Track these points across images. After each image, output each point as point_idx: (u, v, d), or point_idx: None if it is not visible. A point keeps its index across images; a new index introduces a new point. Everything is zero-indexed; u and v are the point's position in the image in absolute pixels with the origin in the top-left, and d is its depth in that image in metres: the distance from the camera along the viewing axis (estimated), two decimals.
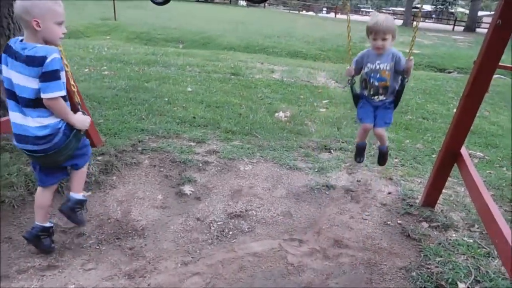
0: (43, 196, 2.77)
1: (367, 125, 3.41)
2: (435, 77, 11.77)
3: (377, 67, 3.24)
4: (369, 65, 3.28)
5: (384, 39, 3.13)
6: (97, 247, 2.93)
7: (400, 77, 3.27)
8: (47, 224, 2.80)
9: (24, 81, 2.37)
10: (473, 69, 3.07)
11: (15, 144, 2.56)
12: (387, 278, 2.82)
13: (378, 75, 3.25)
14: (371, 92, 3.33)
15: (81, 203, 2.86)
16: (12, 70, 2.38)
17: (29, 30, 2.36)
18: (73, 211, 2.81)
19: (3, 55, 2.40)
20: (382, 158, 3.75)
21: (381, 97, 3.33)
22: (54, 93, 2.37)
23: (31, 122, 2.45)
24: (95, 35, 17.47)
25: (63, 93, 2.44)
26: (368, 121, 3.39)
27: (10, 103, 2.49)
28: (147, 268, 2.75)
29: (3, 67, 2.42)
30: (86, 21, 19.57)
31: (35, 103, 2.42)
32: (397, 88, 3.31)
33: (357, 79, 3.49)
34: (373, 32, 3.14)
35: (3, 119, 3.43)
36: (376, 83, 3.28)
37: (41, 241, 2.77)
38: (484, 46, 2.90)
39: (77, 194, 2.85)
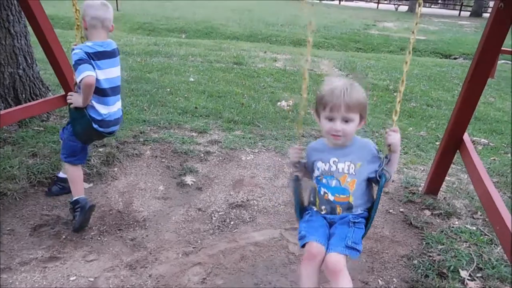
0: (80, 171, 3.10)
1: (314, 245, 1.96)
2: (440, 63, 11.67)
3: (333, 167, 2.02)
4: (319, 165, 2.06)
5: (346, 121, 1.94)
6: (99, 238, 2.94)
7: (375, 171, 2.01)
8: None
9: (118, 71, 3.05)
10: (475, 54, 3.03)
11: (102, 130, 2.99)
12: (388, 266, 2.81)
13: (334, 183, 2.02)
14: (323, 211, 2.11)
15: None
16: (108, 68, 2.90)
17: (106, 32, 2.93)
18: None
19: (92, 62, 2.76)
20: None
21: (340, 214, 2.08)
22: None
23: (119, 106, 3.11)
24: None
25: None
26: (316, 238, 1.98)
27: (109, 99, 2.96)
28: (149, 258, 2.76)
29: (97, 72, 2.80)
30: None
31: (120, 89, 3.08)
32: (370, 196, 2.12)
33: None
34: (328, 105, 1.93)
35: (3, 112, 3.43)
36: (331, 197, 2.03)
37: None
38: (486, 30, 2.86)
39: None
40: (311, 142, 2.20)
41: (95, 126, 2.95)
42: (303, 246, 2.05)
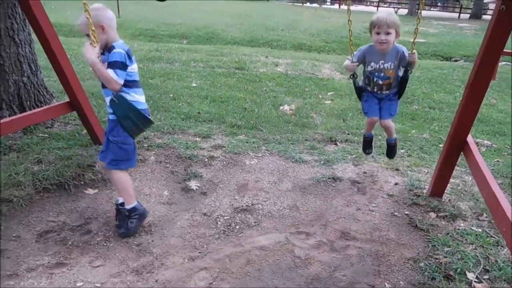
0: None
1: (373, 118, 3.40)
2: (441, 66, 11.66)
3: (381, 66, 3.18)
4: (372, 64, 3.21)
5: (387, 33, 3.03)
6: (105, 244, 2.94)
7: (404, 69, 3.23)
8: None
9: None
10: (477, 57, 3.03)
11: (150, 117, 3.06)
12: (395, 269, 2.81)
13: (382, 74, 3.21)
14: (375, 89, 3.33)
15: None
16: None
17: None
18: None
19: (128, 61, 2.84)
20: (390, 151, 3.73)
21: (385, 92, 3.32)
22: None
23: None
24: None
25: None
26: (374, 114, 3.38)
27: (141, 89, 3.06)
28: (155, 264, 2.76)
29: (133, 65, 2.91)
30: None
31: None
32: (400, 78, 3.28)
33: (359, 69, 3.40)
34: (376, 25, 3.03)
35: (3, 120, 3.45)
36: (380, 82, 3.25)
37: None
38: (488, 33, 2.87)
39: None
40: (362, 47, 3.24)
41: (145, 114, 2.99)
42: (366, 117, 3.51)
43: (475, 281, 2.65)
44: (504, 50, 4.47)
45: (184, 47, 12.21)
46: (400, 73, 3.25)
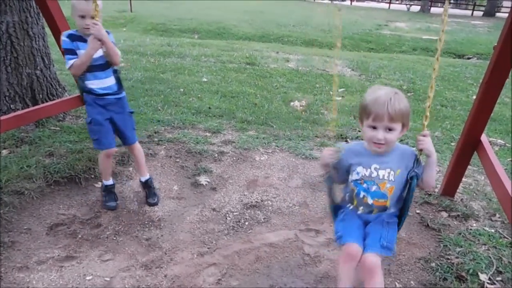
0: None
1: (351, 246, 2.04)
2: (453, 63, 11.54)
3: (374, 174, 2.04)
4: (359, 169, 2.07)
5: (389, 130, 1.95)
6: (114, 238, 2.95)
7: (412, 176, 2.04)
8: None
9: None
10: (493, 55, 2.98)
11: None
12: (405, 269, 2.78)
13: (374, 188, 2.04)
14: (360, 211, 2.16)
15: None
16: None
17: None
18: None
19: None
20: None
21: (375, 214, 2.16)
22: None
23: None
24: (112, 28, 17.51)
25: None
26: (353, 239, 2.05)
27: None
28: (164, 259, 2.76)
29: None
30: (103, 13, 19.67)
31: None
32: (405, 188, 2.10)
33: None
34: (372, 115, 1.93)
35: (16, 113, 3.48)
36: (370, 201, 2.07)
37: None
38: (504, 31, 2.82)
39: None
40: (347, 144, 2.15)
41: None
42: (340, 245, 2.14)
43: (487, 283, 2.61)
44: None
45: (195, 41, 12.21)
46: (405, 188, 2.10)
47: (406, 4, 40.99)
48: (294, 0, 32.85)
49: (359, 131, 5.17)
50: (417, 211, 3.45)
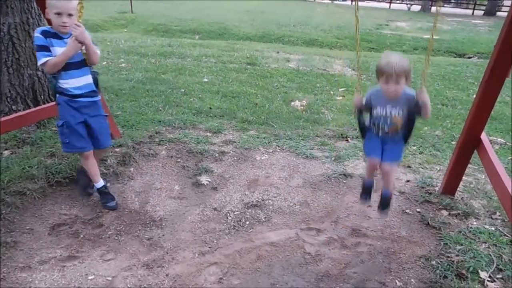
0: None
1: (374, 159, 2.99)
2: (454, 62, 11.54)
3: (388, 113, 2.86)
4: (378, 109, 2.89)
5: (397, 83, 2.70)
6: (116, 237, 2.96)
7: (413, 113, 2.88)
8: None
9: None
10: (492, 54, 2.99)
11: None
12: (406, 267, 2.79)
13: (388, 121, 2.88)
14: (380, 134, 2.99)
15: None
16: None
17: None
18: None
19: None
20: (383, 204, 3.07)
21: (391, 136, 2.98)
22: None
23: None
24: (112, 28, 17.58)
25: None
26: (375, 154, 2.98)
27: None
28: (165, 258, 2.77)
29: None
30: (104, 14, 19.73)
31: None
32: (408, 121, 2.94)
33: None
34: (384, 74, 2.71)
35: (18, 114, 3.49)
36: (386, 129, 2.93)
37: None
38: (504, 30, 2.83)
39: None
40: (371, 89, 2.94)
41: None
42: (366, 157, 3.13)
43: (488, 280, 2.62)
44: None
45: (196, 42, 12.23)
46: (410, 118, 2.93)
47: (407, 4, 40.97)
48: (294, 0, 32.85)
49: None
50: (418, 210, 3.46)
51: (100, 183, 3.29)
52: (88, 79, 3.07)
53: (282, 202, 3.52)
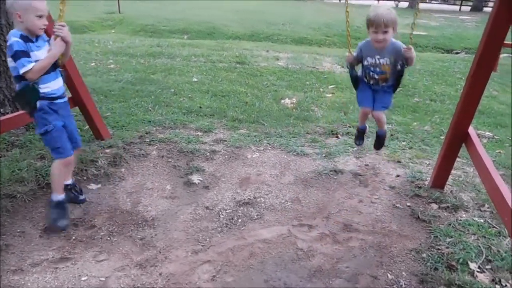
0: None
1: (366, 108, 3.41)
2: (442, 58, 11.63)
3: (377, 61, 3.18)
4: (368, 59, 3.22)
5: (385, 32, 3.00)
6: (108, 238, 2.96)
7: (400, 63, 3.19)
8: None
9: None
10: (478, 49, 3.03)
11: None
12: (397, 260, 2.82)
13: (378, 69, 3.20)
14: (371, 82, 3.32)
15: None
16: None
17: (15, 22, 2.76)
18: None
19: None
20: (378, 142, 3.75)
21: (381, 84, 3.31)
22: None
23: None
24: (100, 29, 17.45)
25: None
26: (367, 104, 3.38)
27: None
28: (158, 257, 2.78)
29: None
30: (91, 15, 19.58)
31: None
32: (396, 72, 3.24)
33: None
34: (374, 24, 3.01)
35: (6, 117, 3.47)
36: (376, 76, 3.24)
37: None
38: (488, 24, 2.87)
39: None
40: (363, 41, 3.23)
41: None
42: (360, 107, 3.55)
43: (477, 271, 2.66)
44: (506, 42, 4.49)
45: (185, 42, 12.20)
46: (397, 67, 3.23)
47: (395, 1, 41.18)
48: (284, 0, 32.88)
49: (350, 126, 5.22)
50: (408, 204, 3.50)
51: (63, 195, 3.09)
52: (61, 81, 3.04)
53: (273, 199, 3.54)
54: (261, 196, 3.57)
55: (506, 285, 2.56)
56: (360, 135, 3.79)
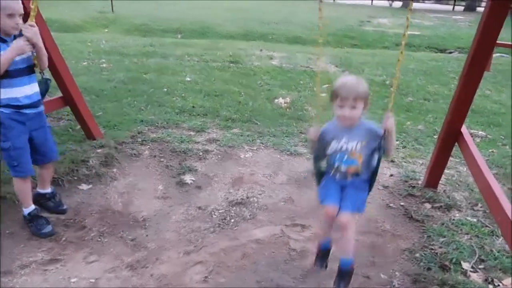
0: None
1: (330, 207, 2.44)
2: (436, 58, 11.66)
3: (344, 146, 2.43)
4: (333, 144, 2.45)
5: (353, 107, 2.34)
6: (99, 239, 2.93)
7: (376, 150, 2.46)
8: None
9: None
10: (470, 48, 3.03)
11: None
12: (390, 260, 2.81)
13: (345, 158, 2.43)
14: (337, 177, 2.51)
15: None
16: None
17: None
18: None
19: None
20: (341, 278, 2.44)
21: (350, 179, 2.51)
22: None
23: None
24: (94, 29, 17.32)
25: None
26: (332, 200, 2.45)
27: None
28: (150, 258, 2.75)
29: None
30: (84, 14, 19.47)
31: None
32: (371, 167, 2.50)
33: None
34: (340, 97, 2.35)
35: None
36: (343, 168, 2.44)
37: None
38: (481, 24, 2.86)
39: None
40: (323, 126, 2.56)
41: None
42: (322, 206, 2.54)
43: (470, 271, 2.65)
44: (499, 41, 4.49)
45: (179, 41, 12.15)
46: (373, 157, 2.48)
47: (389, 0, 41.29)
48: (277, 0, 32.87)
49: None
50: (401, 203, 3.49)
51: (32, 206, 2.99)
52: (36, 87, 2.83)
53: (266, 199, 3.52)
54: (254, 196, 3.55)
55: (498, 285, 2.55)
56: (322, 257, 2.64)
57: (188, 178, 3.76)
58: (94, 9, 20.65)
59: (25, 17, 2.75)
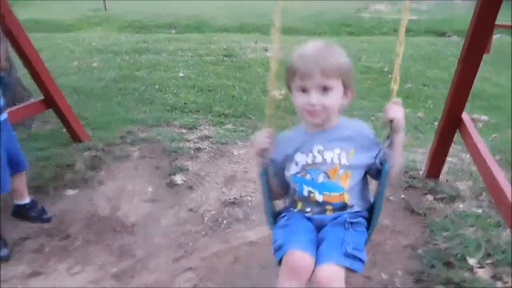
0: None
1: (297, 255, 1.50)
2: (434, 42, 11.47)
3: (317, 159, 1.55)
4: (298, 158, 1.60)
5: (325, 89, 1.49)
6: (84, 248, 2.79)
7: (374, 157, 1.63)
8: None
9: None
10: (468, 30, 2.86)
11: None
12: (391, 258, 2.66)
13: (320, 178, 1.55)
14: (308, 211, 1.65)
15: None
16: None
17: None
18: None
19: None
20: None
21: (332, 214, 1.62)
22: None
23: None
24: (86, 28, 17.10)
25: None
26: (299, 247, 1.51)
27: None
28: (136, 267, 2.61)
29: None
30: (77, 13, 19.25)
31: None
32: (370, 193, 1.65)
33: None
34: (298, 73, 1.53)
35: None
36: (319, 197, 1.56)
37: None
38: (478, 4, 2.69)
39: None
40: (280, 133, 1.69)
41: None
42: (280, 260, 1.53)
43: (476, 267, 2.50)
44: (498, 23, 4.31)
45: (172, 37, 11.97)
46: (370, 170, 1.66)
47: None
48: None
49: None
50: (402, 196, 3.32)
51: None
52: None
53: (260, 198, 3.35)
54: (247, 195, 3.40)
55: (507, 282, 2.39)
56: None
57: (179, 178, 3.61)
58: (87, 8, 20.45)
59: None
